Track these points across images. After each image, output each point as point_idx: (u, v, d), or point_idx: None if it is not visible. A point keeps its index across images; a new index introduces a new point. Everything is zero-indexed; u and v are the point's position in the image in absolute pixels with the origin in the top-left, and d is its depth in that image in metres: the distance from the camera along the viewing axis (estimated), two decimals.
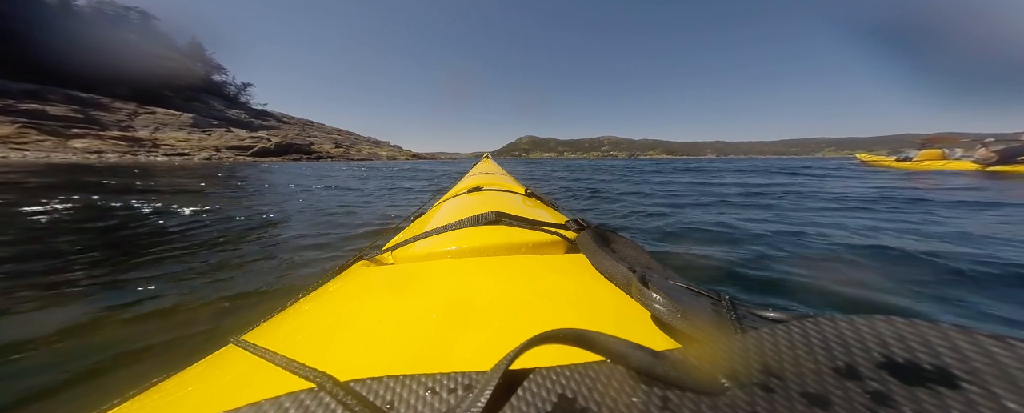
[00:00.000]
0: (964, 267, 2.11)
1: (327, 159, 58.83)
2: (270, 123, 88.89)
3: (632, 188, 7.82)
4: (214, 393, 0.36)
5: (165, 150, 47.41)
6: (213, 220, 3.70)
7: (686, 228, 3.50)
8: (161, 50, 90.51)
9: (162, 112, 58.87)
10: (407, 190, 7.78)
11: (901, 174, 12.00)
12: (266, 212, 4.34)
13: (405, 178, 11.93)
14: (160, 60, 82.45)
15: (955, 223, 3.51)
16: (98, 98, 53.59)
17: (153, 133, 52.77)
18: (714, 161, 69.45)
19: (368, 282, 0.62)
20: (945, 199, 5.12)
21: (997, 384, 0.20)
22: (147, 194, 5.56)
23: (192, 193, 5.99)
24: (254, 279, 2.03)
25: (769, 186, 7.72)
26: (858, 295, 1.78)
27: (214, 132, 58.10)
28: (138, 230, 3.26)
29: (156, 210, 4.16)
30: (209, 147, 52.75)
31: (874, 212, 4.27)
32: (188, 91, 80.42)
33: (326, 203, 5.29)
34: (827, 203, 5.09)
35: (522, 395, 0.26)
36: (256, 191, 6.80)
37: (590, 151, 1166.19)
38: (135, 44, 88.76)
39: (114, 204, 4.53)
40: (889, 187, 7.12)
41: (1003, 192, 6.01)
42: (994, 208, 4.38)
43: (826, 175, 11.60)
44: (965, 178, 9.41)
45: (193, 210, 4.15)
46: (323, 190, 7.28)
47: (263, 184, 8.31)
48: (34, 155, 33.68)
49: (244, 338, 0.46)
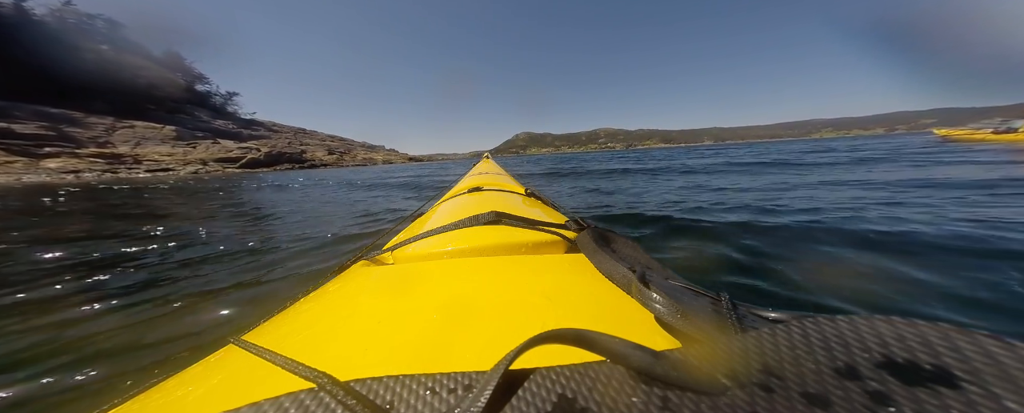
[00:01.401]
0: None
1: (321, 167, 56.39)
2: (260, 132, 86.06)
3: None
4: (214, 393, 0.35)
5: (148, 166, 44.77)
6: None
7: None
8: (136, 60, 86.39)
9: (142, 125, 56.13)
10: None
11: (1008, 150, 9.57)
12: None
13: (378, 189, 10.19)
14: (135, 70, 78.49)
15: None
16: (71, 113, 50.71)
17: (134, 148, 50.15)
18: (712, 147, 66.40)
19: (368, 282, 0.62)
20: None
21: (997, 384, 0.20)
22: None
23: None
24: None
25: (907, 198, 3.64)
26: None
27: (200, 144, 55.45)
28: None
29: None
30: (195, 161, 50.12)
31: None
32: (171, 103, 77.30)
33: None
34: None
35: (522, 395, 0.26)
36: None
37: (587, 144, 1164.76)
38: (107, 55, 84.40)
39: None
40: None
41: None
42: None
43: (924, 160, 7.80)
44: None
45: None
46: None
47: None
48: (3, 177, 31.00)
49: (244, 338, 0.45)
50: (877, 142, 28.63)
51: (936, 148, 12.17)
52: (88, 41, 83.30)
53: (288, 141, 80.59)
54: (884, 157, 9.01)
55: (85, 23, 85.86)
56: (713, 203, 4.00)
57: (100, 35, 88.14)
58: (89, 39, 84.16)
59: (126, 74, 77.05)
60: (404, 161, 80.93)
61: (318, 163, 58.72)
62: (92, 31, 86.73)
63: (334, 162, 61.44)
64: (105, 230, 3.94)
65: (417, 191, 7.98)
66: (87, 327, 1.52)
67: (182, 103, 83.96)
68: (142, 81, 78.78)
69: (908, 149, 12.55)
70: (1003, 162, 6.21)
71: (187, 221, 4.50)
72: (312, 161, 59.06)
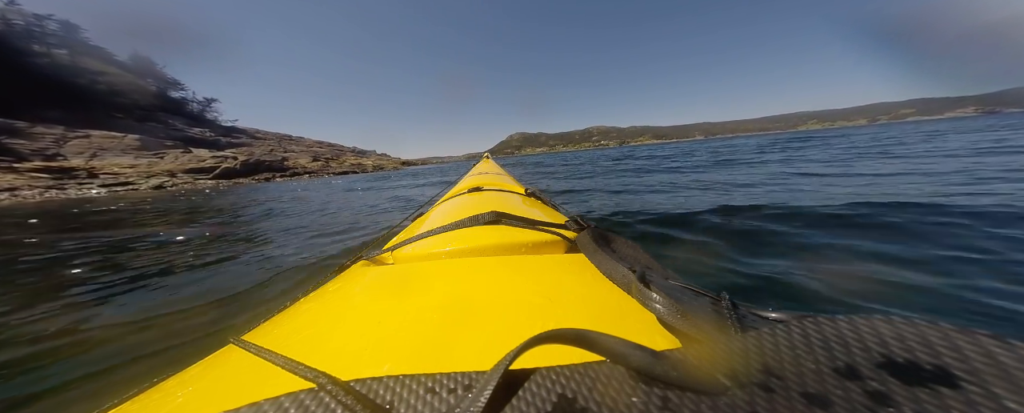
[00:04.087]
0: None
1: (304, 176, 51.16)
2: (242, 140, 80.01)
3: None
4: (214, 393, 0.35)
5: (104, 180, 39.16)
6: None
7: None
8: (94, 64, 78.95)
9: (100, 135, 50.14)
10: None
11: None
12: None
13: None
14: (92, 75, 71.37)
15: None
16: (13, 123, 44.71)
17: (90, 160, 44.31)
18: (704, 142, 64.98)
19: (368, 282, 0.62)
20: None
21: (997, 384, 0.20)
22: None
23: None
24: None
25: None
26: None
27: (168, 154, 49.72)
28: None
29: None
30: (161, 172, 44.45)
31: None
32: (139, 110, 70.90)
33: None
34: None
35: (522, 395, 0.26)
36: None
37: (581, 142, 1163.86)
38: (62, 59, 76.48)
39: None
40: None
41: None
42: None
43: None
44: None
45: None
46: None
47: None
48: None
49: (244, 338, 0.45)
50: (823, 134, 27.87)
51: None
52: (38, 45, 75.48)
53: (271, 148, 74.76)
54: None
55: (33, 25, 77.88)
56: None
57: (54, 38, 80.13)
58: (40, 42, 76.33)
59: (83, 80, 69.99)
60: (396, 166, 75.64)
61: (301, 171, 53.34)
62: (42, 34, 78.64)
63: (319, 169, 56.11)
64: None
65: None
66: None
67: (153, 111, 76.99)
68: (102, 87, 71.79)
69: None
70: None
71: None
72: (294, 169, 53.62)
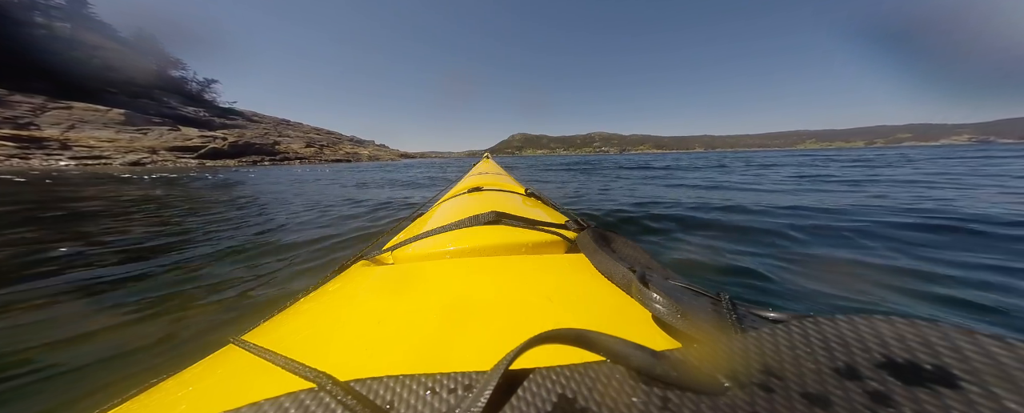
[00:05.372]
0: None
1: (295, 161, 48.93)
2: (237, 122, 77.60)
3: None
4: (214, 393, 0.35)
5: (77, 152, 36.84)
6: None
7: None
8: (94, 38, 76.64)
9: (82, 107, 47.61)
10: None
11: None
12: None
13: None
14: (89, 50, 68.79)
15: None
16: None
17: (66, 132, 41.87)
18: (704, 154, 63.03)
19: (368, 282, 0.62)
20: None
21: (997, 384, 0.20)
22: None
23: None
24: None
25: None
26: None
27: (153, 131, 47.35)
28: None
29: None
30: (142, 148, 42.09)
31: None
32: (135, 86, 68.46)
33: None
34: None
35: (522, 395, 0.26)
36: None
37: (582, 147, 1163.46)
38: (61, 32, 74.13)
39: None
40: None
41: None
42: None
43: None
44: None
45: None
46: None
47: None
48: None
49: (244, 338, 0.45)
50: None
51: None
52: (41, 16, 73.39)
53: (265, 131, 72.40)
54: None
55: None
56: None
57: (58, 11, 78.11)
58: (43, 14, 74.28)
59: (78, 53, 67.57)
60: (394, 157, 73.37)
61: (292, 156, 51.04)
62: (46, 7, 76.68)
63: (312, 156, 53.82)
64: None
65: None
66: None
67: (150, 88, 74.52)
68: (97, 61, 69.42)
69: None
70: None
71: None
72: (285, 154, 51.30)
